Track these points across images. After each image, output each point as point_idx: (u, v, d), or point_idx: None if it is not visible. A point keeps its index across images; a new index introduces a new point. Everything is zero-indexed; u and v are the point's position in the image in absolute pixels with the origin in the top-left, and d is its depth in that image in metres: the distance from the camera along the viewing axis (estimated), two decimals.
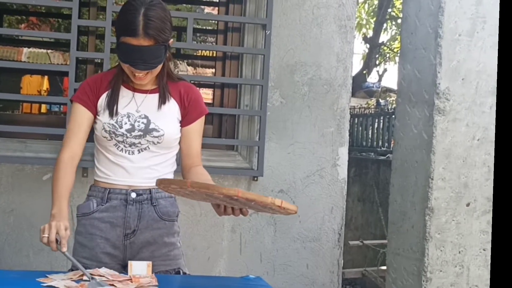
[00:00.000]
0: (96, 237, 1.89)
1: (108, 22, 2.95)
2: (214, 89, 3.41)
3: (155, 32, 1.72)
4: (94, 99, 1.88)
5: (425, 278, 2.41)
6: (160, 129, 1.87)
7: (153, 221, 1.91)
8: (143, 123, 1.86)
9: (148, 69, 1.78)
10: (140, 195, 1.90)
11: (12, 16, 7.80)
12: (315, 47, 3.22)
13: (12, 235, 2.98)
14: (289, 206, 1.57)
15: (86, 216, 1.91)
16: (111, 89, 1.88)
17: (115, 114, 1.85)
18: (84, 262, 1.81)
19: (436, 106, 2.39)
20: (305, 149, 3.21)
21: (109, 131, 1.86)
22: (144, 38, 1.71)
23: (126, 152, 1.88)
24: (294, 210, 1.59)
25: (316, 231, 3.24)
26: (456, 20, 2.40)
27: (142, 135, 1.86)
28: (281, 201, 1.54)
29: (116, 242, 1.89)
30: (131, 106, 1.88)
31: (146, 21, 1.71)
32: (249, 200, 1.51)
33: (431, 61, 2.42)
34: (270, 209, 1.62)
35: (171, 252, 1.94)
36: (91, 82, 1.91)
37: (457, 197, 2.42)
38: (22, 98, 4.83)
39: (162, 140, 1.88)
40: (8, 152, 2.96)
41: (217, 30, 3.44)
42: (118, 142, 1.87)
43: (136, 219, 1.89)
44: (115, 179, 1.89)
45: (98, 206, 1.89)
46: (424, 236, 2.39)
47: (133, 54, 1.74)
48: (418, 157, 2.47)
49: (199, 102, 1.96)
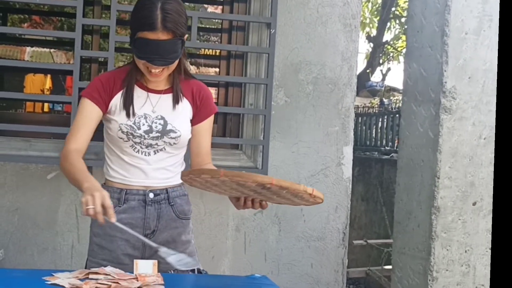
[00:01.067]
0: (117, 239, 1.87)
1: (112, 21, 2.95)
2: (218, 88, 3.40)
3: (173, 25, 1.70)
4: (107, 97, 1.84)
5: (431, 277, 2.40)
6: (177, 130, 1.86)
7: (171, 221, 1.92)
8: (160, 124, 1.85)
9: (165, 64, 1.76)
10: (158, 195, 1.90)
11: (15, 15, 7.80)
12: (319, 46, 3.21)
13: (16, 234, 2.98)
14: (319, 194, 1.55)
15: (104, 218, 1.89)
16: (125, 89, 1.85)
17: (132, 114, 1.83)
18: (104, 264, 1.78)
19: (442, 104, 2.38)
20: (309, 148, 3.21)
21: (126, 132, 1.83)
22: (162, 31, 1.69)
23: (142, 154, 1.87)
24: (322, 199, 1.57)
25: (321, 230, 3.23)
26: (463, 18, 2.39)
27: (159, 136, 1.85)
28: (312, 189, 1.54)
29: (135, 243, 1.88)
30: (147, 107, 1.86)
31: (164, 14, 1.69)
32: (282, 188, 1.50)
33: (437, 59, 2.41)
34: (300, 199, 1.60)
35: (187, 250, 1.95)
36: (104, 80, 1.87)
37: (464, 196, 2.41)
38: (28, 97, 4.82)
39: (179, 141, 1.88)
40: (13, 151, 2.96)
41: (222, 29, 3.43)
42: (135, 144, 1.85)
43: (155, 219, 1.89)
44: (131, 180, 1.88)
45: (116, 207, 1.84)
46: (430, 235, 2.38)
47: (150, 49, 1.71)
48: (424, 156, 2.46)
49: (210, 101, 1.96)
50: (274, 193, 1.59)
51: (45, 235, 3.00)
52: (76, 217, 3.02)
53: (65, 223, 3.01)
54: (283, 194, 1.57)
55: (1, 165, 2.97)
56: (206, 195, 3.06)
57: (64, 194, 3.00)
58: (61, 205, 3.01)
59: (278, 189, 1.52)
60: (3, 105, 7.71)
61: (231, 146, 3.22)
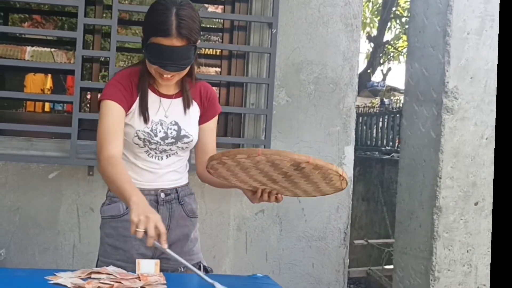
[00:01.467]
0: (131, 239, 1.85)
1: (114, 20, 2.94)
2: (220, 88, 3.40)
3: (187, 31, 1.69)
4: (130, 99, 1.82)
5: (433, 277, 2.40)
6: (190, 135, 1.88)
7: (182, 219, 1.94)
8: (175, 130, 1.86)
9: (177, 70, 1.75)
10: (168, 195, 1.92)
11: (15, 15, 7.80)
12: (321, 46, 3.21)
13: (17, 234, 2.97)
14: (346, 177, 1.62)
15: (117, 219, 1.89)
16: (140, 94, 1.83)
17: (148, 120, 1.82)
18: (118, 265, 1.77)
19: (444, 104, 2.38)
20: (311, 148, 3.20)
21: (143, 139, 1.83)
22: (177, 38, 1.69)
23: (156, 158, 1.88)
24: (347, 183, 1.66)
25: (322, 230, 3.23)
26: (465, 18, 2.39)
27: (174, 142, 1.86)
28: (342, 170, 1.60)
29: None
30: (161, 112, 1.86)
31: (178, 20, 1.69)
32: (317, 167, 1.53)
33: (439, 59, 2.41)
34: (325, 182, 1.64)
35: (195, 247, 1.99)
36: (122, 81, 1.83)
37: (466, 196, 2.41)
38: (30, 97, 4.82)
39: (190, 145, 1.91)
40: (14, 150, 2.96)
41: (223, 28, 3.43)
42: (150, 149, 1.86)
43: (167, 218, 1.90)
44: (143, 182, 1.88)
45: (127, 208, 1.81)
46: (432, 235, 2.38)
47: (163, 55, 1.70)
48: (426, 156, 2.46)
49: (215, 101, 1.98)
50: (303, 176, 1.61)
51: (47, 235, 3.00)
52: (77, 216, 3.02)
53: (67, 222, 3.01)
54: (314, 175, 1.60)
55: (2, 165, 2.96)
56: (207, 194, 3.06)
57: (65, 193, 3.00)
58: (63, 205, 3.01)
59: (312, 169, 1.55)
60: (4, 105, 7.71)
61: (232, 145, 3.22)
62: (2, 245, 2.92)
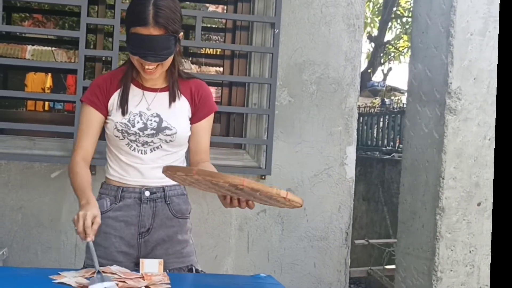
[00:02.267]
0: (111, 236, 1.88)
1: (116, 20, 2.95)
2: (222, 88, 3.40)
3: (165, 21, 1.72)
4: (104, 100, 1.87)
5: (435, 277, 2.40)
6: (172, 127, 1.87)
7: (167, 219, 1.92)
8: (156, 122, 1.86)
9: (158, 60, 1.77)
10: (154, 193, 1.90)
11: (16, 14, 7.79)
12: (323, 46, 3.21)
13: (20, 233, 2.98)
14: (294, 198, 1.54)
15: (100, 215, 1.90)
16: (122, 88, 1.87)
17: (126, 112, 1.85)
18: (99, 261, 1.80)
19: (447, 105, 2.38)
20: (313, 148, 3.21)
21: (121, 130, 1.85)
22: (154, 27, 1.72)
23: (138, 152, 1.88)
24: (299, 203, 1.56)
25: (324, 230, 3.23)
26: (468, 19, 2.39)
27: (154, 134, 1.86)
28: (286, 192, 1.52)
29: (130, 241, 1.89)
30: (142, 105, 1.87)
31: (156, 10, 1.72)
32: (254, 190, 1.50)
33: (442, 60, 2.41)
34: (276, 201, 1.59)
35: (184, 250, 1.95)
36: (100, 82, 1.90)
37: (468, 197, 2.41)
38: (33, 96, 4.82)
39: (175, 138, 1.88)
40: (17, 149, 2.96)
41: (225, 28, 3.43)
42: (130, 141, 1.87)
43: (150, 217, 1.90)
44: (128, 179, 1.89)
45: (112, 204, 1.89)
46: (434, 236, 2.38)
47: (143, 45, 1.73)
48: (429, 157, 2.47)
49: (209, 100, 1.96)
50: (250, 194, 1.58)
51: (49, 234, 3.00)
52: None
53: (69, 221, 3.00)
54: (257, 195, 1.57)
55: (5, 164, 2.97)
56: (209, 194, 3.06)
57: (68, 192, 3.00)
58: (65, 204, 3.01)
59: (250, 191, 1.52)
60: (5, 104, 7.70)
61: (234, 145, 3.23)
62: (4, 244, 2.92)
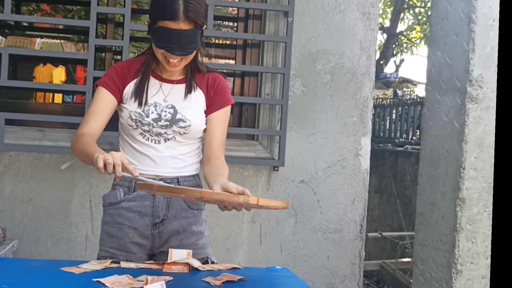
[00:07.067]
0: (124, 227, 1.85)
1: (127, 9, 2.90)
2: (234, 78, 3.35)
3: (194, 15, 1.71)
4: (121, 86, 1.85)
5: (455, 270, 2.34)
6: (186, 119, 1.84)
7: (182, 210, 1.88)
8: (170, 113, 1.84)
9: (184, 54, 1.75)
10: (168, 183, 1.85)
11: (24, 7, 7.76)
12: (337, 35, 3.14)
13: (30, 225, 2.95)
14: (270, 203, 1.50)
15: (113, 206, 1.87)
16: (140, 78, 1.85)
17: (141, 103, 1.82)
18: (112, 252, 1.79)
19: (468, 93, 2.31)
20: (326, 138, 3.15)
21: (135, 120, 1.83)
22: (184, 21, 1.70)
23: (152, 142, 1.85)
24: (281, 206, 1.52)
25: (338, 222, 3.18)
26: (490, 4, 2.31)
27: (168, 125, 1.84)
28: (257, 198, 1.44)
29: (144, 232, 1.86)
30: (159, 96, 1.85)
31: (186, 4, 1.70)
32: (217, 201, 1.46)
33: (463, 47, 2.34)
34: (257, 206, 1.52)
35: (199, 241, 1.91)
36: (119, 69, 1.88)
37: (490, 187, 2.34)
38: (44, 87, 4.81)
39: (189, 131, 1.85)
40: (27, 140, 2.92)
41: (238, 17, 3.37)
42: (144, 131, 1.84)
43: (164, 208, 1.86)
44: (142, 168, 1.85)
45: (125, 195, 1.86)
46: (454, 227, 2.32)
47: (170, 39, 1.71)
48: (448, 146, 2.40)
49: (225, 92, 1.92)
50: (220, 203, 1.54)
51: (59, 226, 2.97)
52: (90, 207, 2.99)
53: (79, 213, 2.98)
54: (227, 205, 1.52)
55: (15, 155, 2.93)
56: None
57: (78, 184, 2.97)
58: (75, 196, 2.98)
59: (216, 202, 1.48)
60: (14, 96, 7.70)
61: (247, 136, 3.17)
62: (15, 236, 2.89)
